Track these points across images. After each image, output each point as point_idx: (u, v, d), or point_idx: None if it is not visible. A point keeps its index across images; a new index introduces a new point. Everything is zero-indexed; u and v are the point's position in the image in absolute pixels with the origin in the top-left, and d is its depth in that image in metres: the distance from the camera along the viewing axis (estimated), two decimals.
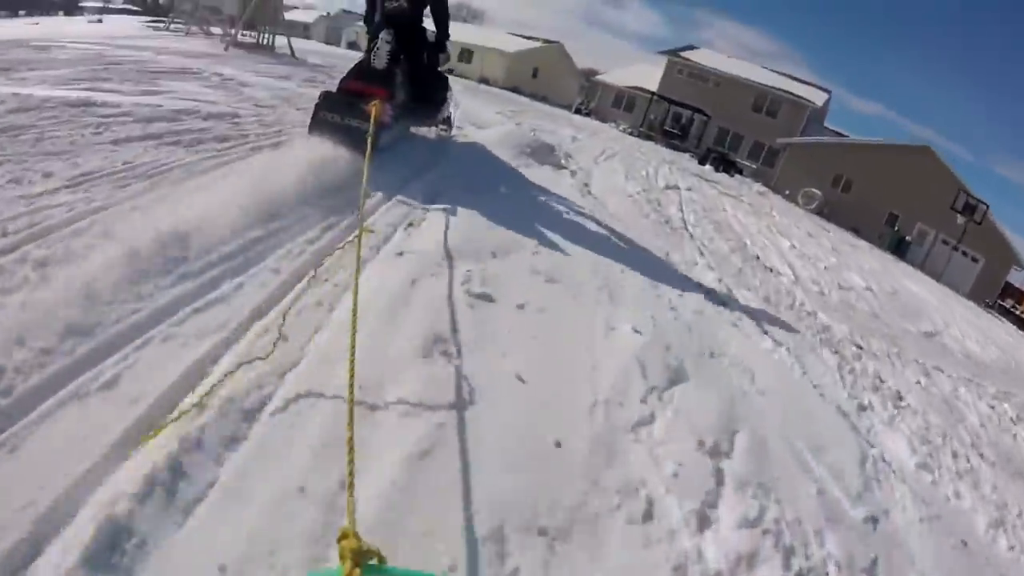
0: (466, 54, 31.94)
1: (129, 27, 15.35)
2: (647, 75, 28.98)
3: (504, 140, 6.17)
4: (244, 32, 10.70)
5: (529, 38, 34.14)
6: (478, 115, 8.62)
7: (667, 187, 7.61)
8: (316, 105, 3.50)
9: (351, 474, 1.02)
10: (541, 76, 32.04)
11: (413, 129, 4.75)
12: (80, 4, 41.80)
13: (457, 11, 56.91)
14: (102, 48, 6.74)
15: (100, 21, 20.85)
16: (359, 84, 3.62)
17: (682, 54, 28.55)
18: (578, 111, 26.86)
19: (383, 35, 3.70)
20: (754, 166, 24.98)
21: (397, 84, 3.83)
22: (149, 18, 21.43)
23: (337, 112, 3.40)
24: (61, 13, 36.42)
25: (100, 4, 41.97)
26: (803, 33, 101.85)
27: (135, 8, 37.09)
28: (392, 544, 1.15)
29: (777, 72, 29.24)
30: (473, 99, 11.80)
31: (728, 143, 26.37)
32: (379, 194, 3.08)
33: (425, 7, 4.02)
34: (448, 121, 5.47)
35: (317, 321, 1.83)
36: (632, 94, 28.84)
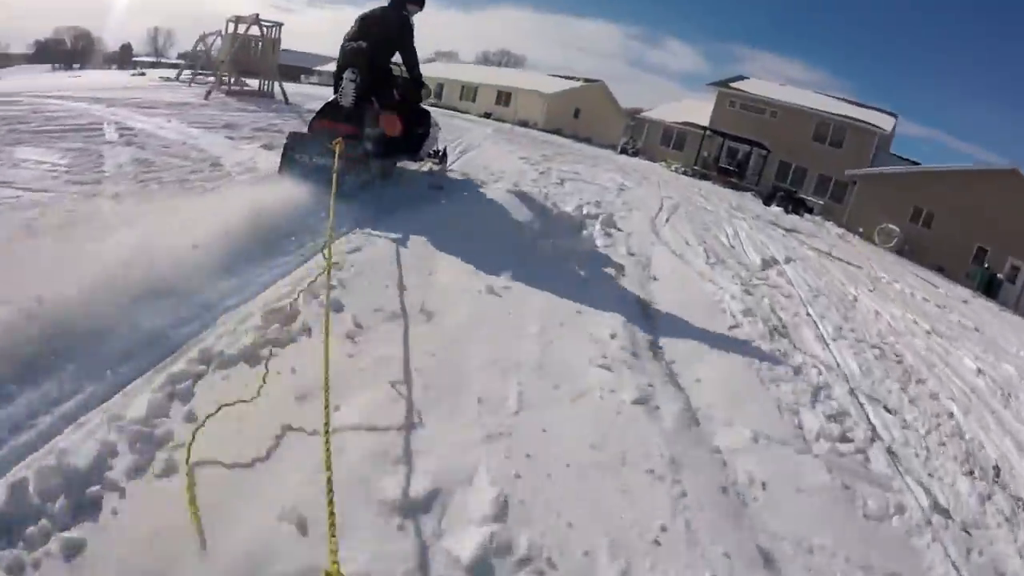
0: (503, 97, 30.83)
1: (148, 80, 14.99)
2: (696, 110, 27.13)
3: (498, 210, 4.22)
4: (243, 80, 9.78)
5: (569, 78, 32.84)
6: (493, 163, 6.83)
7: (764, 264, 5.49)
8: (285, 146, 3.67)
9: (331, 513, 1.11)
10: (583, 117, 30.48)
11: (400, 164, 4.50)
12: (133, 59, 43.82)
13: (498, 58, 57.32)
14: (59, 102, 5.99)
15: (143, 74, 21.19)
16: (327, 123, 3.70)
17: (732, 85, 26.63)
18: (624, 151, 25.08)
19: (347, 74, 3.73)
20: (821, 202, 22.40)
21: (367, 120, 3.78)
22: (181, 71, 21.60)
23: (305, 152, 3.53)
24: (114, 66, 38.12)
25: (152, 59, 43.95)
26: (847, 61, 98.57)
27: (182, 62, 38.31)
28: None
29: (836, 97, 26.81)
30: (500, 144, 10.11)
31: (791, 178, 23.94)
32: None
33: (393, 52, 3.97)
34: (440, 156, 5.26)
35: None
36: (682, 130, 26.91)
